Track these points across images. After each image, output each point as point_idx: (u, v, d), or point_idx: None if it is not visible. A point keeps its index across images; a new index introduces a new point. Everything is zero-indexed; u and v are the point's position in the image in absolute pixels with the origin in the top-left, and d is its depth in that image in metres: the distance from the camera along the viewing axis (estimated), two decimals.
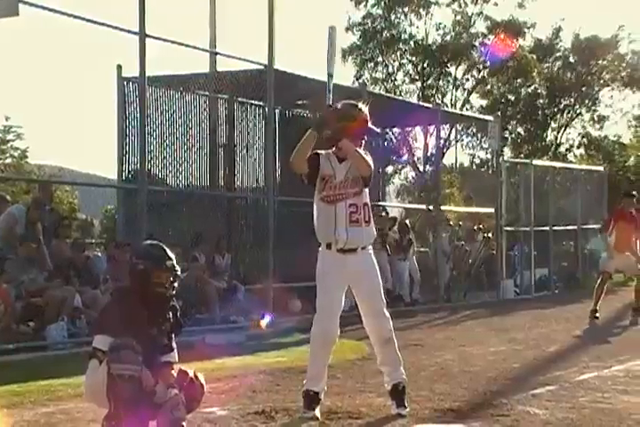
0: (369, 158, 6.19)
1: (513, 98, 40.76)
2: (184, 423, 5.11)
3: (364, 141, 6.31)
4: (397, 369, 6.32)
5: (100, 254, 13.00)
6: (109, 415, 5.19)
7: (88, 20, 10.93)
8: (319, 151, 6.21)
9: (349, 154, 6.15)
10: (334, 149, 6.25)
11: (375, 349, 6.38)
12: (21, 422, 6.09)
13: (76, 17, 10.79)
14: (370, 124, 6.33)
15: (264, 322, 12.23)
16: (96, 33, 11.22)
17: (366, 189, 6.27)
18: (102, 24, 11.07)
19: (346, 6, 40.62)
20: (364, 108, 6.35)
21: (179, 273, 5.55)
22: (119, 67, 13.39)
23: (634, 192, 14.64)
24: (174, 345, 5.58)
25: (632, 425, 5.91)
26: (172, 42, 12.08)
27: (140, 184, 11.93)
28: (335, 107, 6.22)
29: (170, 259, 5.48)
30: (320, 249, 6.28)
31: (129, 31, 11.28)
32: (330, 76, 6.37)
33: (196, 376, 5.48)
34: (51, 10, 10.53)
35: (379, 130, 6.62)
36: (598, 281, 14.02)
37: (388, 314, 6.29)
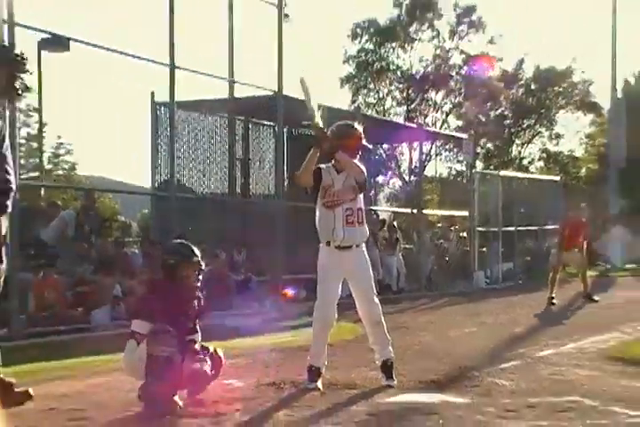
0: (362, 167, 6.20)
1: (484, 119, 40.71)
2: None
3: (358, 156, 6.30)
4: (386, 348, 6.32)
5: (136, 251, 13.01)
6: (144, 386, 5.22)
7: (127, 55, 10.96)
8: (320, 166, 6.22)
9: (344, 162, 6.13)
10: (333, 162, 6.26)
11: (367, 330, 6.37)
12: (72, 391, 6.11)
13: (118, 52, 10.83)
14: (364, 141, 6.34)
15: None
16: (134, 64, 11.25)
17: (360, 196, 6.25)
18: (139, 58, 11.10)
19: (343, 41, 40.62)
20: (359, 127, 6.36)
21: (203, 267, 5.57)
22: (152, 93, 13.40)
23: (581, 205, 14.95)
24: (198, 328, 5.61)
25: (583, 393, 5.90)
26: (197, 72, 12.10)
27: (171, 192, 11.97)
28: (331, 129, 6.21)
29: (196, 255, 5.50)
30: (320, 246, 6.27)
31: (161, 63, 11.30)
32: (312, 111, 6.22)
33: (215, 351, 5.51)
34: (98, 46, 10.56)
35: (370, 146, 6.60)
36: (551, 274, 14.17)
37: (377, 301, 6.28)
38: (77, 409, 5.42)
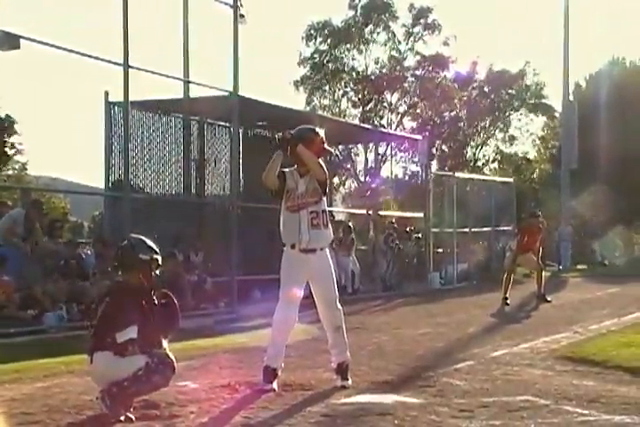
0: (324, 166, 6.19)
1: (438, 120, 41.03)
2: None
3: (321, 160, 6.29)
4: (344, 351, 6.36)
5: (89, 252, 12.85)
6: (115, 391, 5.11)
7: (80, 53, 10.82)
8: (284, 169, 6.21)
9: (305, 157, 6.11)
10: (296, 166, 6.24)
11: (327, 334, 6.40)
12: (21, 395, 6.01)
13: (70, 50, 10.69)
14: (326, 145, 6.35)
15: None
16: (87, 63, 11.11)
17: (324, 198, 6.27)
18: (92, 57, 10.97)
19: (298, 43, 40.61)
20: (321, 132, 6.36)
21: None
22: (106, 93, 13.25)
23: (538, 212, 15.34)
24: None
25: (535, 392, 5.97)
26: (152, 72, 11.99)
27: (124, 192, 11.86)
28: (294, 133, 6.20)
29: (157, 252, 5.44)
30: (285, 249, 6.26)
31: (115, 63, 11.19)
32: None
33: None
34: (50, 45, 10.40)
35: (333, 150, 6.63)
36: (505, 275, 14.42)
37: (340, 306, 6.32)
38: (27, 413, 5.33)
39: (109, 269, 8.69)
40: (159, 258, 5.41)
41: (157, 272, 5.44)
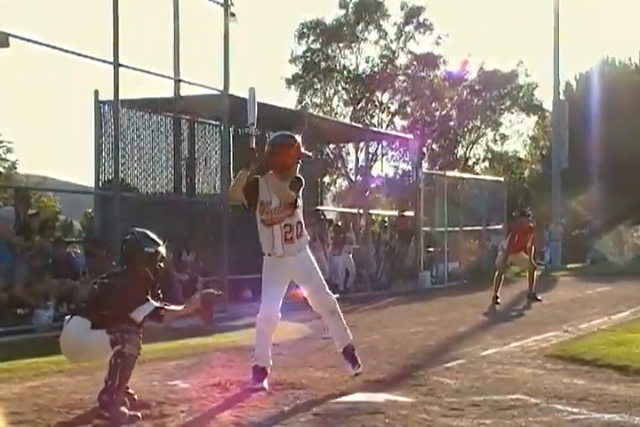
0: (298, 185, 6.19)
1: (429, 119, 41.04)
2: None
3: (299, 164, 6.35)
4: (345, 334, 6.54)
5: (79, 251, 12.81)
6: (112, 390, 5.09)
7: (70, 52, 10.79)
8: (258, 177, 6.26)
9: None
10: (272, 171, 6.26)
11: (324, 321, 6.55)
12: (10, 394, 5.99)
13: (60, 49, 10.65)
14: (302, 150, 6.38)
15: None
16: (77, 62, 11.09)
17: (298, 210, 6.30)
18: (82, 55, 10.94)
19: (290, 41, 40.58)
20: (298, 137, 6.40)
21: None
22: (96, 91, 13.22)
23: (528, 212, 15.36)
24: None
25: (526, 391, 5.99)
26: (142, 70, 11.97)
27: (115, 191, 11.84)
28: (270, 140, 6.30)
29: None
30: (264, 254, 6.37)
31: (105, 61, 11.17)
32: (251, 124, 6.46)
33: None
34: (40, 43, 10.37)
35: (310, 153, 6.70)
36: (496, 274, 14.43)
37: (330, 292, 6.48)
38: (16, 413, 5.31)
39: (105, 267, 8.70)
40: (163, 251, 5.44)
41: (161, 265, 5.47)
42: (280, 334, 6.42)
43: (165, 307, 5.33)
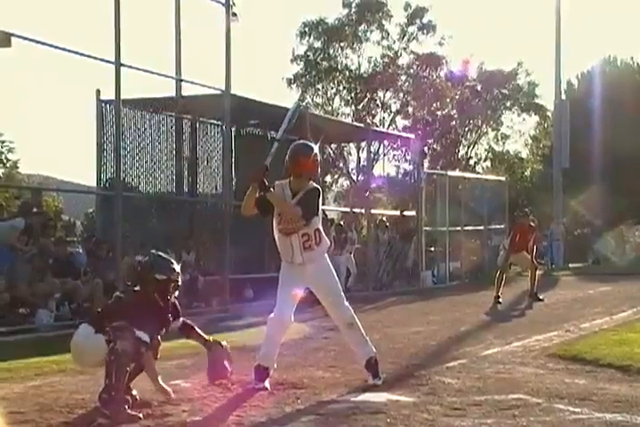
0: (311, 196, 6.06)
1: (431, 119, 41.02)
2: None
3: (318, 173, 6.30)
4: (366, 346, 6.38)
5: (80, 251, 12.81)
6: (110, 390, 5.12)
7: (72, 51, 10.79)
8: (277, 182, 6.16)
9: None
10: (291, 178, 6.16)
11: (342, 333, 6.45)
12: (12, 394, 6.00)
13: (62, 48, 10.66)
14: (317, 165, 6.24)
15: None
16: (79, 62, 11.09)
17: (315, 217, 6.14)
18: (84, 55, 10.94)
19: (292, 40, 40.54)
20: (316, 148, 6.30)
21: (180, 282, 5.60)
22: (98, 91, 13.22)
23: (530, 211, 15.65)
24: None
25: (527, 391, 5.98)
26: (144, 70, 11.97)
27: (116, 191, 11.84)
28: (292, 146, 6.15)
29: (178, 271, 5.52)
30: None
31: (107, 61, 11.17)
32: (277, 140, 6.26)
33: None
34: (42, 43, 10.37)
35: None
36: (497, 273, 14.45)
37: (347, 304, 6.34)
38: (18, 412, 5.32)
39: (102, 268, 8.71)
40: (179, 279, 5.47)
41: (176, 295, 5.52)
42: None
43: (146, 353, 5.29)
